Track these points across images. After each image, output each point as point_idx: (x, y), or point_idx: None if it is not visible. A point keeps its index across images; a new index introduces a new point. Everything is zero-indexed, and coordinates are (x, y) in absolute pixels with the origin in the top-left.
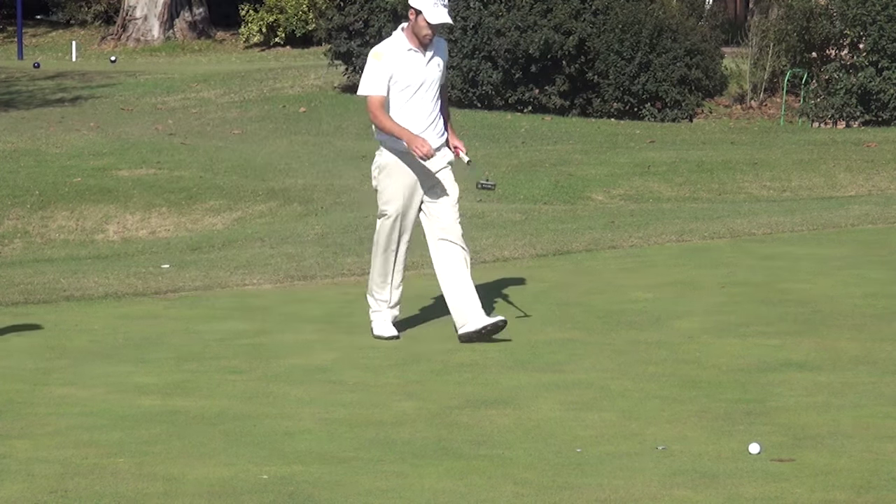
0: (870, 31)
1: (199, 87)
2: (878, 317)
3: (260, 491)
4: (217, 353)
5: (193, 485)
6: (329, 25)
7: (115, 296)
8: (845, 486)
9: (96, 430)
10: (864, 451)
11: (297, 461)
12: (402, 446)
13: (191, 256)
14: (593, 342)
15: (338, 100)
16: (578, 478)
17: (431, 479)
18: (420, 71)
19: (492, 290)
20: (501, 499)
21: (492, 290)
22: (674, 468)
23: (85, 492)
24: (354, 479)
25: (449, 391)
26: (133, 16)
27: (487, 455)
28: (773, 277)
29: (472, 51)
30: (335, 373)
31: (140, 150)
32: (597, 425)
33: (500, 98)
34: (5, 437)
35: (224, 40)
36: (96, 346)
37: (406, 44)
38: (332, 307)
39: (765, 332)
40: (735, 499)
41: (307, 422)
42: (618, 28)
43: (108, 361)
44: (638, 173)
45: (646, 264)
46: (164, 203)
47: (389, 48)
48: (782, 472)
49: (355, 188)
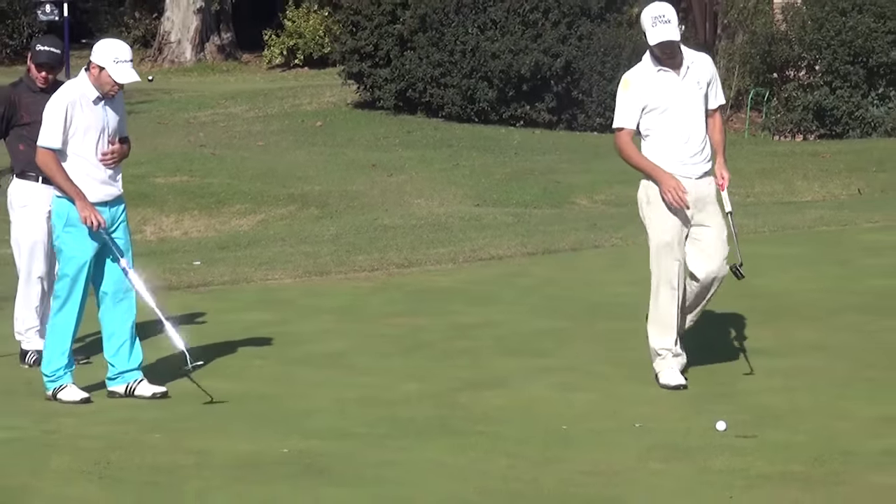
0: (824, 55)
1: (226, 103)
2: (831, 309)
3: (281, 463)
4: (243, 341)
5: (222, 457)
6: (343, 49)
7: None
8: (802, 459)
9: (135, 409)
10: (819, 429)
11: (314, 436)
12: (406, 424)
13: (219, 254)
14: (578, 331)
15: (350, 115)
16: (564, 452)
17: (433, 453)
18: (674, 91)
19: (489, 284)
20: (496, 471)
21: (489, 285)
22: (649, 443)
23: (125, 463)
24: (364, 453)
25: (449, 375)
26: (168, 40)
27: (483, 432)
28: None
29: (470, 71)
30: (348, 358)
31: (174, 160)
32: (581, 405)
33: (495, 114)
34: (54, 415)
35: (249, 62)
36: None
37: (655, 64)
38: (345, 300)
39: (731, 321)
40: (704, 471)
41: (323, 402)
42: (600, 51)
43: (146, 347)
44: (618, 181)
45: (625, 262)
46: (196, 207)
47: (637, 73)
48: (746, 447)
49: (366, 193)
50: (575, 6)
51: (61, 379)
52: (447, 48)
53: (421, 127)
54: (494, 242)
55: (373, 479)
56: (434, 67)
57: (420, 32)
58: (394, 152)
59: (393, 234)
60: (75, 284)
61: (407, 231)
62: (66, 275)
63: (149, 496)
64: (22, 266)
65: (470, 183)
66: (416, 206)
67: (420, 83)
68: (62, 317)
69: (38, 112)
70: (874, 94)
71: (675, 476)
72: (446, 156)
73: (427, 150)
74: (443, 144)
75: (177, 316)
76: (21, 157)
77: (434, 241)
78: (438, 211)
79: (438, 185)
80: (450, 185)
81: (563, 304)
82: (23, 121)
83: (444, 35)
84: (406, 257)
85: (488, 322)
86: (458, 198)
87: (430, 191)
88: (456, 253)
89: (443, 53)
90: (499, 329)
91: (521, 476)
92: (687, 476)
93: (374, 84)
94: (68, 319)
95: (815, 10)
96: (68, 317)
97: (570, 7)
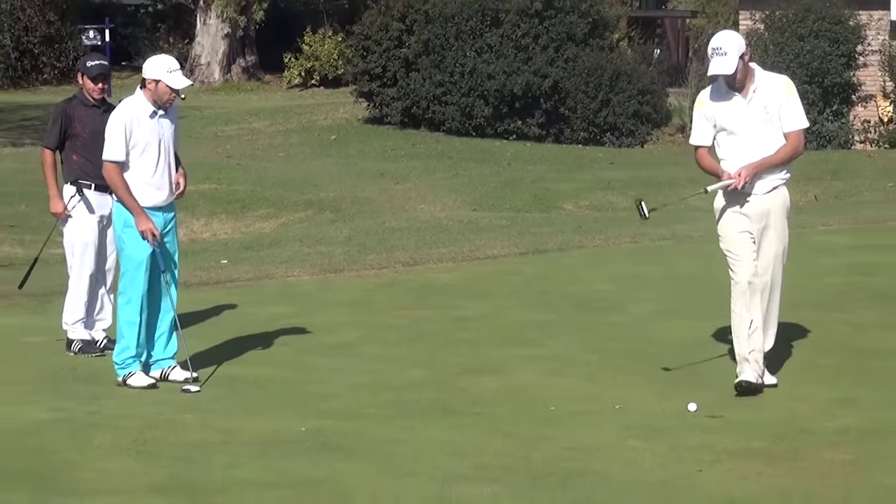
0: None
1: (250, 119)
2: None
3: (300, 440)
4: (265, 331)
5: (247, 435)
6: (354, 70)
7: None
8: (764, 436)
9: (169, 392)
10: (779, 409)
11: (328, 417)
12: (411, 405)
13: (244, 254)
14: (564, 323)
15: (362, 129)
16: (552, 430)
17: (435, 432)
18: (739, 115)
19: (485, 281)
20: (491, 447)
21: (485, 281)
22: (627, 423)
23: (160, 441)
24: (374, 431)
25: (449, 362)
26: (199, 62)
27: (480, 413)
28: (707, 270)
29: (468, 91)
30: (359, 347)
31: (204, 169)
32: (566, 389)
33: (490, 128)
34: (97, 398)
35: (271, 82)
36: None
37: (725, 87)
38: (356, 294)
39: (701, 314)
40: (676, 447)
41: (337, 386)
42: (584, 73)
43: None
44: (600, 188)
45: (606, 261)
46: (223, 211)
47: (708, 92)
48: (714, 425)
49: (375, 199)
50: (562, 32)
51: (130, 366)
52: (448, 70)
53: (424, 140)
54: (490, 243)
55: (382, 454)
56: (436, 87)
57: (423, 56)
58: (400, 163)
59: (399, 235)
60: (136, 280)
61: (412, 233)
62: (126, 271)
63: (181, 470)
64: (74, 264)
65: (468, 190)
66: (419, 210)
67: (423, 101)
68: (128, 310)
69: (91, 125)
70: (829, 111)
71: (651, 452)
72: (447, 166)
73: (430, 160)
74: (444, 156)
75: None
76: (75, 166)
77: (436, 242)
78: (440, 215)
79: (440, 192)
80: (450, 192)
81: (551, 298)
82: (76, 133)
83: (444, 58)
84: (411, 256)
85: (484, 315)
86: (458, 203)
87: (433, 197)
88: (455, 253)
89: (444, 74)
90: (494, 321)
91: (514, 452)
92: (661, 452)
93: (382, 102)
94: (133, 312)
95: (776, 35)
96: (133, 310)
97: (557, 33)
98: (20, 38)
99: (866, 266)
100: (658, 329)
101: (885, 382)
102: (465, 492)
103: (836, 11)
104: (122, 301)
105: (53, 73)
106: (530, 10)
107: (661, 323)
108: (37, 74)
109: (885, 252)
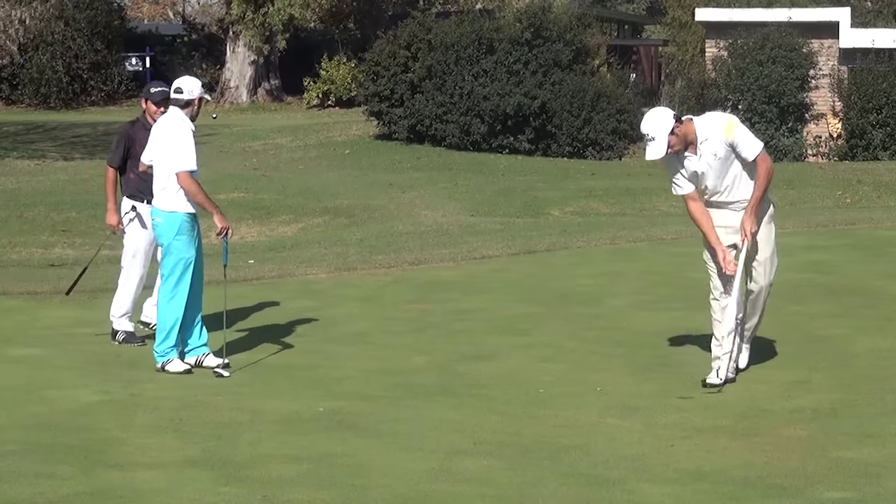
0: (745, 97)
1: (274, 135)
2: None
3: (317, 419)
4: (287, 323)
5: (271, 415)
6: (366, 92)
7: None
8: (729, 415)
9: (202, 376)
10: (742, 391)
11: (343, 398)
12: (416, 388)
13: (268, 255)
14: (551, 315)
15: (372, 145)
16: (540, 410)
17: (437, 411)
18: (698, 169)
19: (481, 278)
20: (487, 425)
21: (481, 278)
22: (608, 403)
23: (194, 420)
24: (383, 411)
25: (450, 349)
26: (228, 86)
27: (477, 394)
28: (679, 269)
29: (466, 110)
30: (370, 336)
31: (233, 180)
32: (553, 373)
33: (486, 143)
34: (138, 382)
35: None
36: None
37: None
38: (368, 290)
39: (672, 307)
40: (651, 425)
41: (350, 370)
42: (568, 94)
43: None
44: (583, 196)
45: (588, 260)
46: (250, 217)
47: (673, 156)
48: (684, 405)
49: (384, 206)
50: (549, 59)
51: (169, 354)
52: (448, 92)
53: (427, 154)
54: (486, 245)
55: (390, 431)
56: (438, 107)
57: (427, 79)
58: (406, 174)
59: (405, 238)
60: (182, 280)
61: (417, 236)
62: (173, 272)
63: (213, 445)
64: (126, 265)
65: (466, 198)
66: (423, 216)
67: (427, 119)
68: (172, 305)
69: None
70: (785, 127)
71: (629, 429)
72: (448, 177)
73: (432, 172)
74: (445, 168)
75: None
76: (132, 183)
77: (438, 244)
78: (441, 220)
79: (441, 200)
80: (450, 199)
81: (540, 293)
82: (136, 154)
83: (445, 82)
84: (416, 256)
85: (481, 308)
86: (457, 210)
87: (435, 204)
88: (455, 253)
89: (445, 96)
90: (489, 313)
91: (507, 429)
92: (637, 429)
93: (390, 120)
94: (177, 307)
95: (738, 61)
96: (177, 305)
97: (545, 60)
98: (70, 65)
99: (818, 264)
100: (634, 319)
101: (835, 367)
102: (464, 464)
103: (791, 40)
104: (169, 299)
105: (100, 96)
106: (521, 39)
107: (636, 314)
108: (85, 97)
109: (835, 252)
